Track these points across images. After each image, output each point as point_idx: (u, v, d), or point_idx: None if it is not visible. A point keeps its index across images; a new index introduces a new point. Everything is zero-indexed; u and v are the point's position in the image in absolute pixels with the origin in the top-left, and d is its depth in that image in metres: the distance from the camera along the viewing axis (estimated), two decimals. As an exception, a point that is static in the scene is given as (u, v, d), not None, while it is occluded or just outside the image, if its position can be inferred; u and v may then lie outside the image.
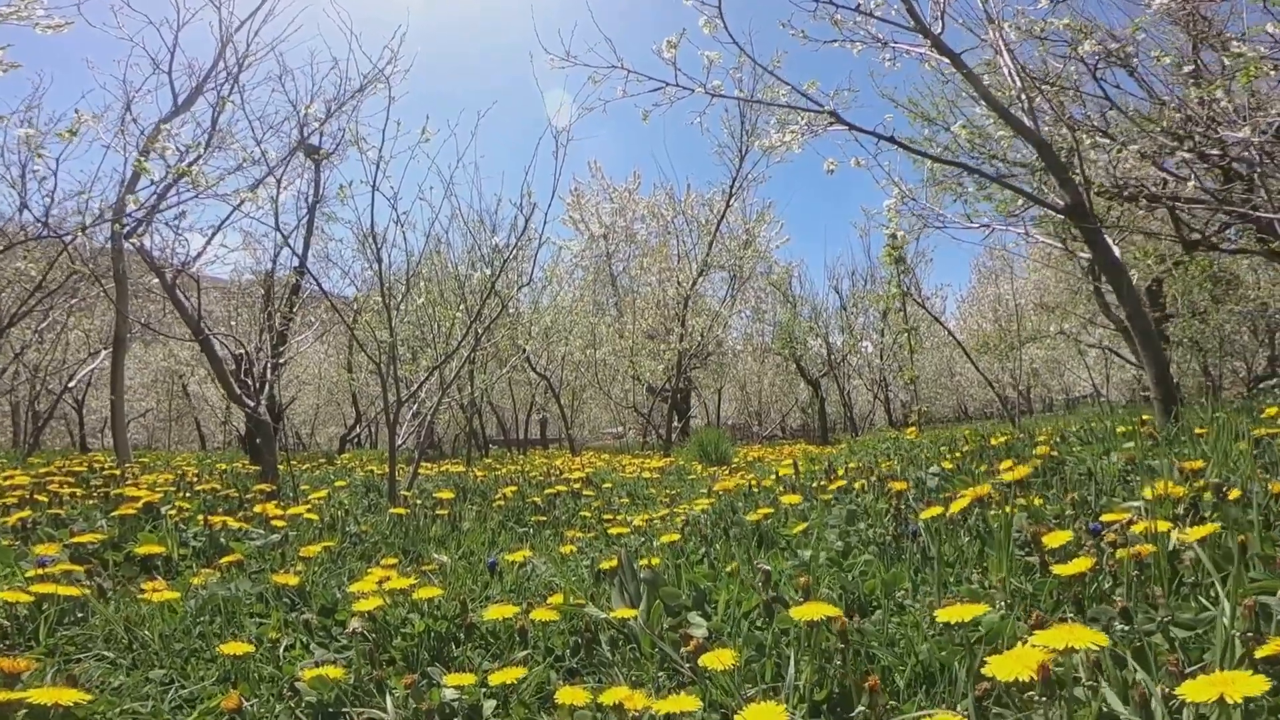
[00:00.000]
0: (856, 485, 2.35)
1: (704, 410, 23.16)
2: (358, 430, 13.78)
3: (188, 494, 2.97)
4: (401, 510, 2.66)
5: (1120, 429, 2.92)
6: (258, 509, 2.57)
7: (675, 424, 11.66)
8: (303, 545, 2.27)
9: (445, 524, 2.80)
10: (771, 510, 1.99)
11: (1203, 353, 14.03)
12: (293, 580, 1.76)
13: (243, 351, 5.20)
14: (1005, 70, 4.34)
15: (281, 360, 5.67)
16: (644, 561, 1.60)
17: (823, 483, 2.72)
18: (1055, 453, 2.89)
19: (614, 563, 1.59)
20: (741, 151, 10.60)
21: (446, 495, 3.01)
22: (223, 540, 2.33)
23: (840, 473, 2.74)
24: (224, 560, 1.94)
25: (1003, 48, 4.37)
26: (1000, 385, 16.26)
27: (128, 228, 5.11)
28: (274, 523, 2.38)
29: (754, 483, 2.94)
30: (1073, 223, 3.50)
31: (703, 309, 13.27)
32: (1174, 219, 11.12)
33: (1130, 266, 13.01)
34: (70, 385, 11.40)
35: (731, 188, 11.08)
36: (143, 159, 3.66)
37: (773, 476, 2.71)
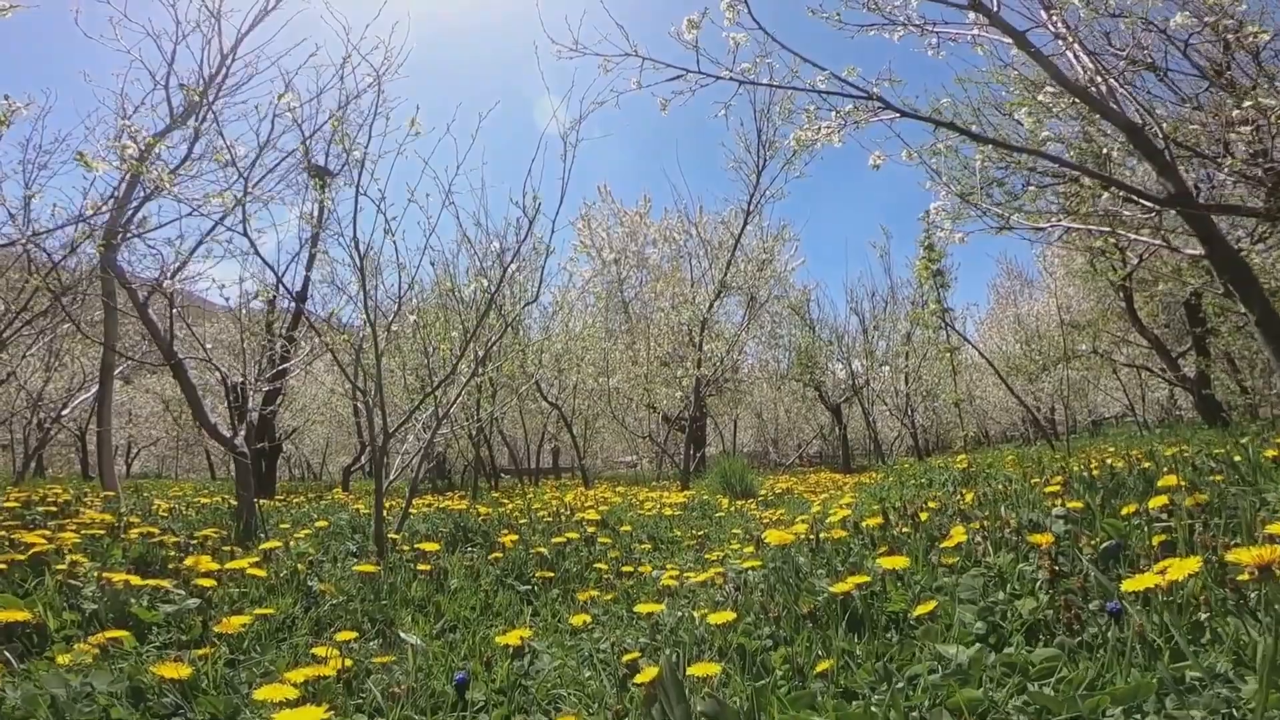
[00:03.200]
0: (956, 535, 1.77)
1: (719, 438, 22.52)
2: (362, 461, 13.28)
3: (117, 538, 2.44)
4: (370, 567, 2.11)
5: (1270, 452, 2.33)
6: (189, 561, 2.03)
7: (693, 453, 11.04)
8: (231, 611, 1.72)
9: (429, 582, 2.25)
10: (867, 579, 1.43)
11: (1237, 371, 13.31)
12: (180, 672, 1.21)
13: (223, 378, 4.72)
14: (1071, 54, 3.85)
15: (268, 388, 5.19)
16: (697, 669, 1.04)
17: (903, 529, 2.14)
18: (1184, 482, 2.32)
19: (650, 674, 1.03)
20: (759, 166, 10.16)
21: (431, 547, 2.45)
22: (133, 604, 1.79)
23: (924, 517, 2.16)
24: (101, 637, 1.39)
25: (1062, 25, 3.89)
26: (1033, 407, 15.53)
27: (101, 238, 4.73)
28: (200, 582, 1.83)
29: (808, 530, 2.36)
30: (1179, 213, 2.95)
31: (719, 334, 12.75)
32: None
33: (1167, 279, 12.32)
34: (64, 412, 11.06)
35: (749, 204, 10.61)
36: (84, 155, 3.23)
37: (844, 526, 2.13)
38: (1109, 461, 3.32)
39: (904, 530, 2.11)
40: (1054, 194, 8.12)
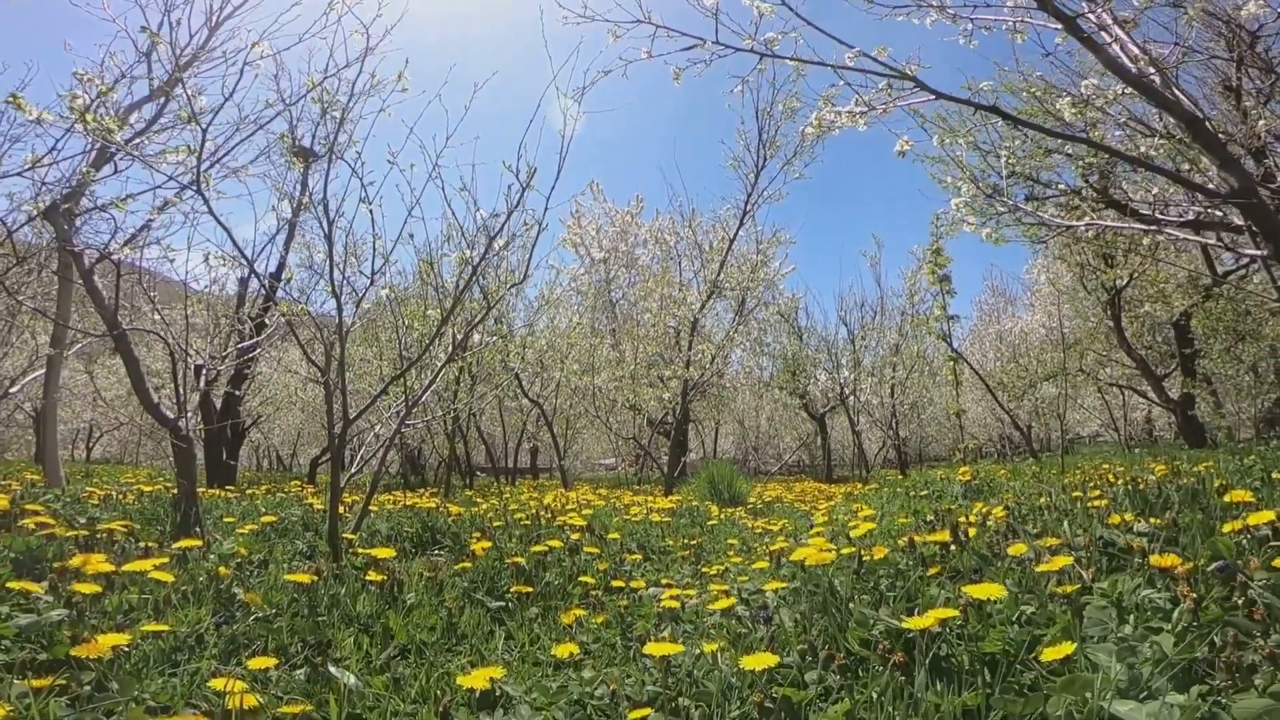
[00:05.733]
0: (1058, 560, 1.43)
1: (701, 444, 22.23)
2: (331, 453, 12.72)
3: (7, 529, 2.02)
4: (304, 577, 1.72)
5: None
6: (75, 561, 1.62)
7: (682, 457, 10.68)
8: (119, 625, 1.33)
9: (381, 595, 1.86)
10: (953, 612, 1.09)
11: (1215, 393, 13.41)
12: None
13: (171, 354, 4.27)
14: (1117, 46, 3.59)
15: (222, 367, 4.73)
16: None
17: (952, 550, 1.80)
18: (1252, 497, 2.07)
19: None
20: (758, 166, 9.88)
21: (385, 553, 2.06)
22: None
23: (972, 534, 1.83)
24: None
25: (1108, 16, 3.63)
26: (1020, 422, 15.44)
27: (45, 197, 4.28)
28: (80, 587, 1.44)
29: (832, 544, 2.01)
30: (1241, 211, 2.68)
31: (707, 336, 12.45)
32: (1204, 250, 10.54)
33: (1155, 300, 12.22)
34: (14, 390, 10.41)
35: (746, 205, 10.32)
36: (17, 96, 2.82)
37: (883, 542, 1.80)
38: (1149, 476, 3.03)
39: (945, 548, 1.77)
40: (1055, 206, 7.96)
